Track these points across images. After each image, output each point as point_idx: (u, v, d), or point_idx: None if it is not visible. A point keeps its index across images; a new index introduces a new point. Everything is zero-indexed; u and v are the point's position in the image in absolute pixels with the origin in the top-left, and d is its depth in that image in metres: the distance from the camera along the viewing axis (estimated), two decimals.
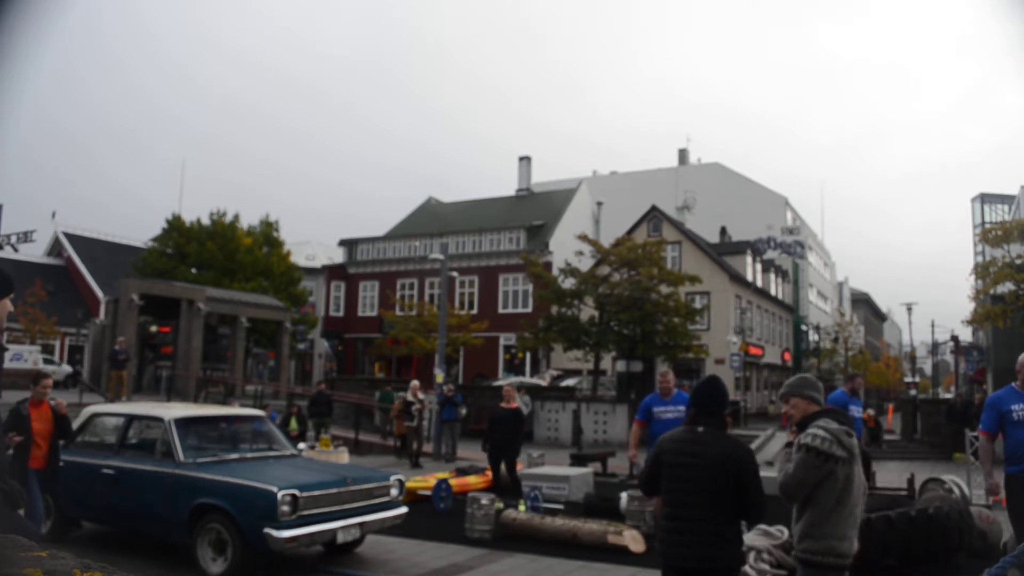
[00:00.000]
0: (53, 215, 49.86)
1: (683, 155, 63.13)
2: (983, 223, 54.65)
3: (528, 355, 39.74)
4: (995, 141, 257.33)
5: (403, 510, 8.76)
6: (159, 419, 8.62)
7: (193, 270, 36.69)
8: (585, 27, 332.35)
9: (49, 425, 7.99)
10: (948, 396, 47.29)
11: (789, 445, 4.22)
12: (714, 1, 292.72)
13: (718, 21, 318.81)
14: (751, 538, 7.45)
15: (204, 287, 31.53)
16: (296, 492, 7.43)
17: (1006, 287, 28.73)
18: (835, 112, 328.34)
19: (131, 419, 9.06)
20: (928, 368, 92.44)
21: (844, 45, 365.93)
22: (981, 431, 6.81)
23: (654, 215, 39.97)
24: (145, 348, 33.09)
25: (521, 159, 52.23)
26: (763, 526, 7.50)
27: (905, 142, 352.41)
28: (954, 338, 50.02)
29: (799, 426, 4.13)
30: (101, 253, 47.61)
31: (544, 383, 31.88)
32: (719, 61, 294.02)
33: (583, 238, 31.39)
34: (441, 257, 24.51)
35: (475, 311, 40.62)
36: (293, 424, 19.56)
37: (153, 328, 33.71)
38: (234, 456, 8.67)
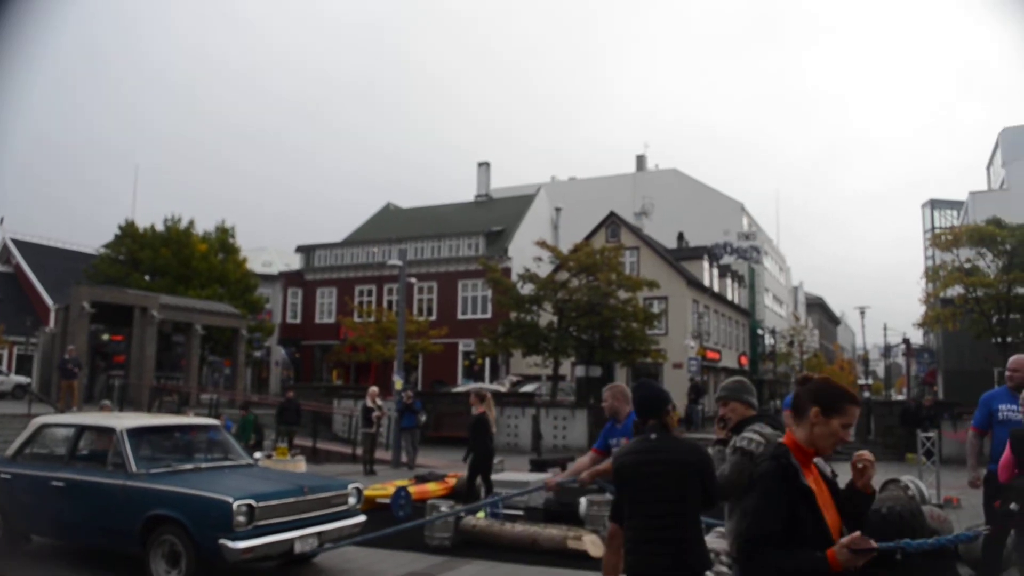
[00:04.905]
0: (0, 221, 48.72)
1: (641, 161, 63.66)
2: (933, 228, 55.92)
3: (487, 361, 39.72)
4: (949, 162, 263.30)
5: (361, 518, 8.69)
6: (111, 429, 8.45)
7: (147, 277, 36.11)
8: (545, 38, 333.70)
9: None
10: (900, 398, 48.18)
11: (719, 442, 4.31)
12: (674, 18, 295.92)
13: (678, 38, 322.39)
14: (709, 540, 7.50)
15: (158, 294, 31.07)
16: (252, 502, 7.32)
17: (955, 290, 29.42)
18: (792, 130, 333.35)
19: (82, 430, 8.87)
20: (881, 370, 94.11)
21: (804, 67, 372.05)
22: (972, 427, 7.00)
23: (612, 221, 40.22)
24: (97, 357, 32.52)
25: (480, 165, 52.34)
26: (720, 528, 7.55)
27: (861, 161, 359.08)
28: (905, 341, 51.01)
29: (734, 430, 4.21)
30: (51, 260, 46.59)
31: (504, 389, 31.88)
32: (678, 77, 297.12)
33: (542, 244, 31.47)
34: (399, 263, 24.39)
35: (434, 317, 40.55)
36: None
37: (105, 336, 33.15)
38: (188, 466, 8.51)
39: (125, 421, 8.73)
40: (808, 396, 3.01)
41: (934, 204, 62.98)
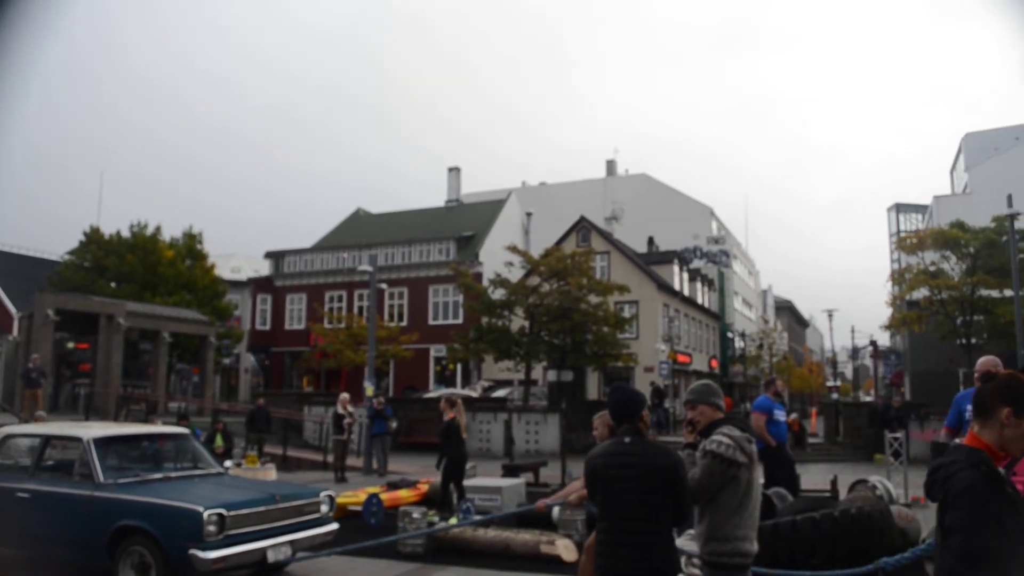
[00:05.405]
0: None
1: (611, 166, 63.95)
2: (898, 232, 56.75)
3: (459, 366, 39.66)
4: (914, 167, 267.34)
5: (334, 526, 8.64)
6: (77, 439, 8.32)
7: (113, 284, 35.68)
8: (515, 45, 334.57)
9: None
10: (868, 399, 48.80)
11: (688, 446, 4.35)
12: (644, 27, 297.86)
13: (648, 46, 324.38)
14: (680, 543, 7.54)
15: (124, 301, 30.73)
16: (223, 511, 7.25)
17: (921, 293, 29.84)
18: (760, 137, 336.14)
19: (48, 439, 8.72)
20: (849, 372, 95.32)
21: (770, 75, 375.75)
22: (945, 427, 7.22)
23: (583, 225, 40.35)
24: (62, 365, 32.05)
25: (450, 170, 52.36)
26: (692, 531, 7.60)
27: (828, 167, 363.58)
28: (873, 343, 51.69)
29: (703, 433, 4.24)
30: (13, 267, 45.85)
31: (475, 394, 31.84)
32: (648, 84, 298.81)
33: (512, 249, 31.50)
34: (370, 269, 24.28)
35: (405, 323, 40.43)
36: (219, 441, 19.11)
37: (70, 344, 32.68)
38: (157, 476, 8.41)
39: (92, 430, 8.60)
40: (997, 396, 2.72)
41: (899, 208, 64.00)
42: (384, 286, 36.51)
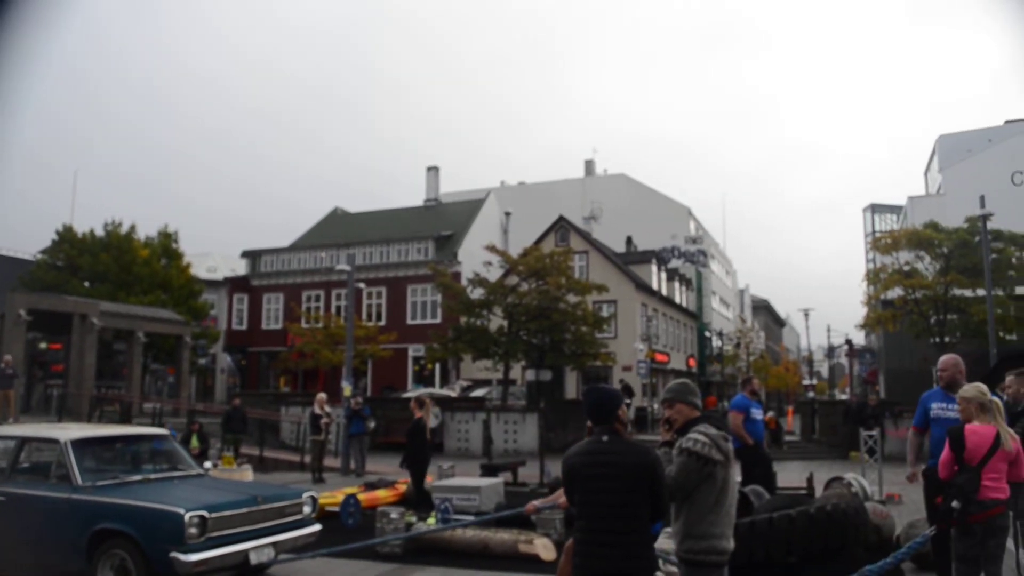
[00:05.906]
0: None
1: (590, 166, 64.08)
2: (874, 232, 57.29)
3: (437, 366, 39.63)
4: (889, 168, 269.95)
5: (316, 527, 8.62)
6: (54, 440, 8.23)
7: (86, 284, 35.29)
8: (495, 44, 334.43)
9: None
10: (844, 397, 49.23)
11: (665, 444, 4.40)
12: (624, 28, 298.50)
13: (628, 47, 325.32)
14: (658, 541, 7.60)
15: (98, 301, 30.39)
16: (204, 513, 7.20)
17: (895, 292, 30.16)
18: (737, 139, 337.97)
19: (23, 441, 8.62)
20: (825, 371, 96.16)
21: (747, 77, 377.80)
22: (912, 426, 7.35)
23: (561, 225, 40.43)
24: (34, 366, 31.67)
25: (429, 169, 52.23)
26: (669, 529, 7.66)
27: (805, 168, 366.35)
28: (848, 342, 52.14)
29: (680, 431, 4.29)
30: None
31: (454, 394, 31.83)
32: (627, 84, 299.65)
33: (491, 248, 31.49)
34: (348, 268, 24.21)
35: (383, 322, 40.34)
36: (194, 442, 19.00)
37: (43, 345, 32.32)
38: (136, 477, 8.34)
39: (69, 432, 8.51)
40: None
41: (875, 208, 64.60)
42: (362, 285, 36.39)
